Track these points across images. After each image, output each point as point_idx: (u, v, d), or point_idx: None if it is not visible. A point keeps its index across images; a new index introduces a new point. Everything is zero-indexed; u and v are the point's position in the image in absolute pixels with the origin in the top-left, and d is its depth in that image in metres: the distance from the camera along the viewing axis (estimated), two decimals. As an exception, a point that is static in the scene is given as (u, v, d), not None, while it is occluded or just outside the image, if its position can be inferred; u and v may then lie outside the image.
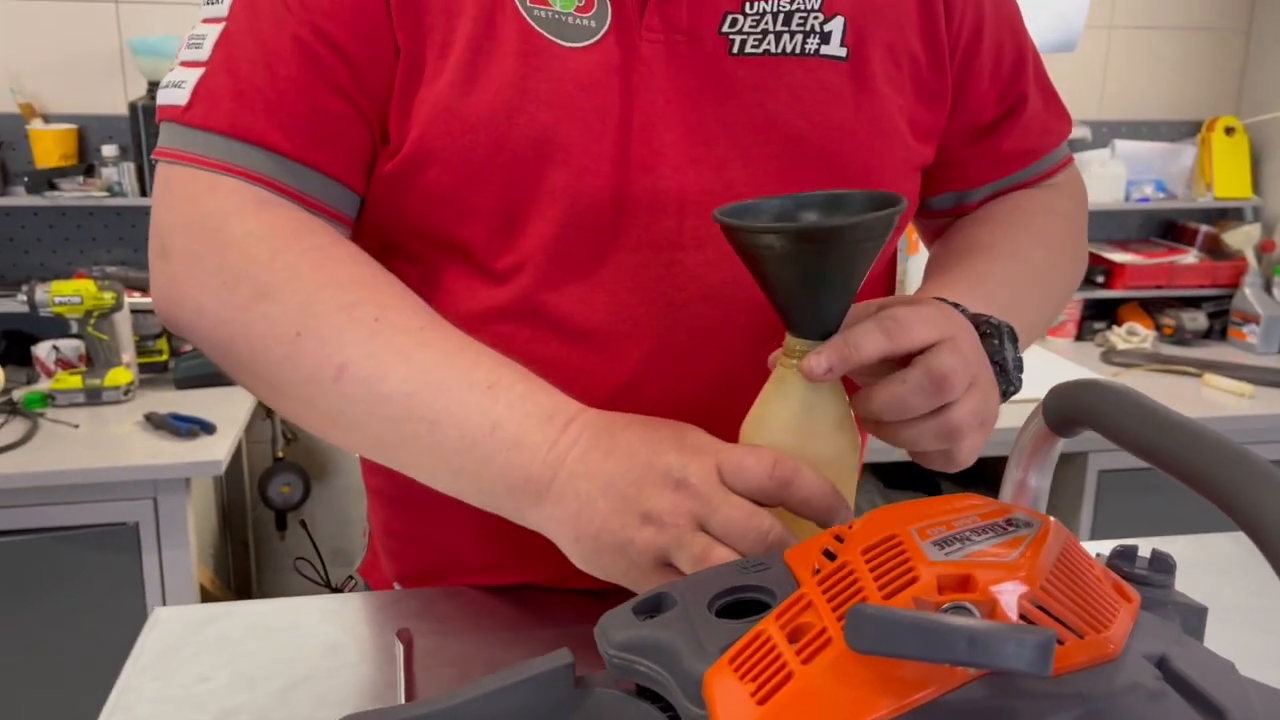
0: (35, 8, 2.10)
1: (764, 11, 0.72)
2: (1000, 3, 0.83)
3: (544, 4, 0.69)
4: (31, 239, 2.18)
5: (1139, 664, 0.44)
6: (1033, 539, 0.47)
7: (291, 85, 0.67)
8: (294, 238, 0.67)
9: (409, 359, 0.63)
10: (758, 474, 0.57)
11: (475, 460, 0.62)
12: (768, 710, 0.41)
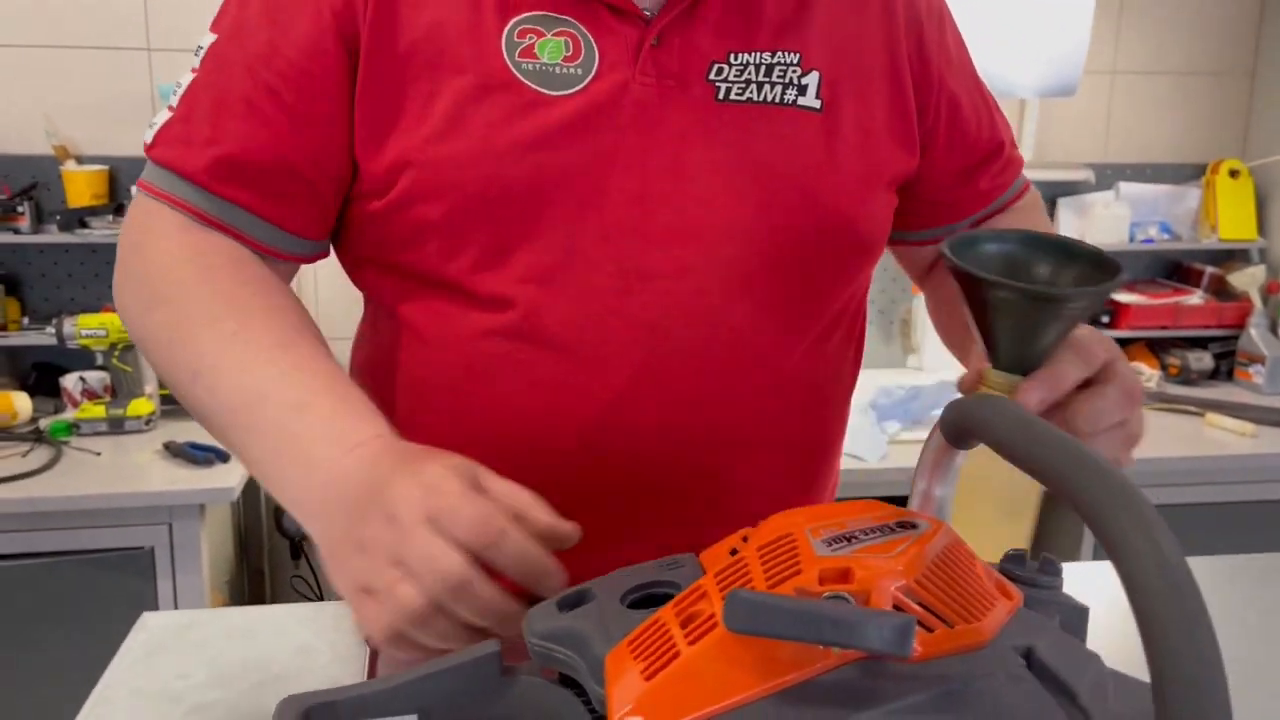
0: (71, 55, 2.20)
1: (748, 63, 0.78)
2: (962, 63, 0.90)
3: (532, 57, 0.75)
4: (63, 274, 2.27)
5: (1006, 653, 0.48)
6: (915, 539, 0.51)
7: (232, 136, 0.74)
8: (197, 258, 0.74)
9: (246, 372, 0.70)
10: (463, 527, 0.58)
11: (276, 470, 0.68)
12: (653, 685, 0.45)
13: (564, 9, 0.76)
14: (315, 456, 0.66)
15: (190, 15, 2.22)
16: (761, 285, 0.78)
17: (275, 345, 0.71)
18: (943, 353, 2.46)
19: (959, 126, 0.88)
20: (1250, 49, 2.60)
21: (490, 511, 0.59)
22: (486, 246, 0.76)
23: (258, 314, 0.73)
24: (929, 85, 0.86)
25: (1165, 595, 0.39)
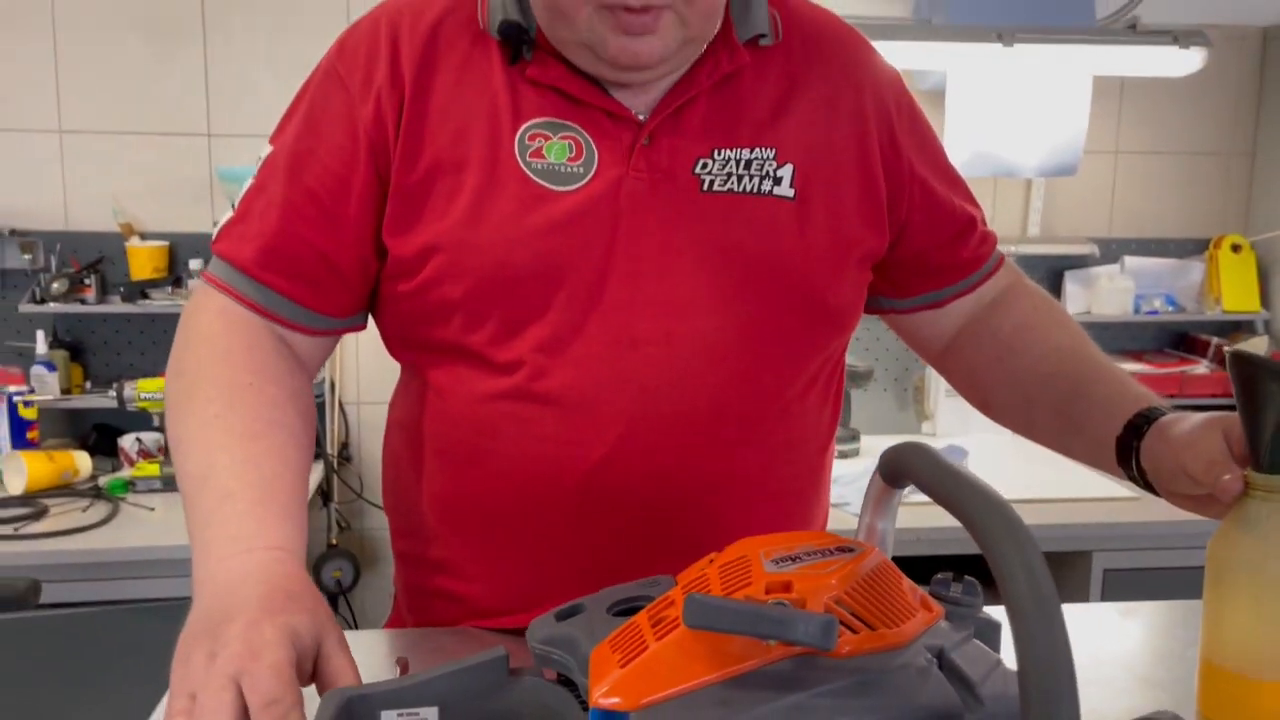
0: (138, 140, 2.39)
1: (729, 158, 0.90)
2: (931, 151, 1.01)
3: (540, 158, 0.88)
4: (123, 342, 2.43)
5: (919, 652, 0.58)
6: (849, 560, 0.61)
7: (274, 231, 0.88)
8: (221, 342, 0.87)
9: (207, 452, 0.80)
10: (256, 696, 0.62)
11: (196, 546, 0.77)
12: (626, 672, 0.56)
13: (568, 115, 0.89)
14: (213, 546, 0.75)
15: (246, 104, 2.41)
16: (740, 352, 0.89)
17: (243, 435, 0.81)
18: (954, 419, 2.54)
19: (934, 207, 1.00)
20: (1250, 131, 2.71)
21: (285, 697, 0.62)
22: (502, 320, 0.88)
23: (246, 404, 0.84)
24: (901, 174, 0.97)
25: (1036, 611, 0.49)
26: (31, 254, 2.34)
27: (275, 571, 0.73)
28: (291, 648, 0.66)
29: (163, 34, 2.37)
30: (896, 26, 2.34)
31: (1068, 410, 0.95)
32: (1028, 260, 2.64)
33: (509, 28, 0.88)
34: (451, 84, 0.89)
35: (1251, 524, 0.78)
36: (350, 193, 0.89)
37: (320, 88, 0.92)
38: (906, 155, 0.98)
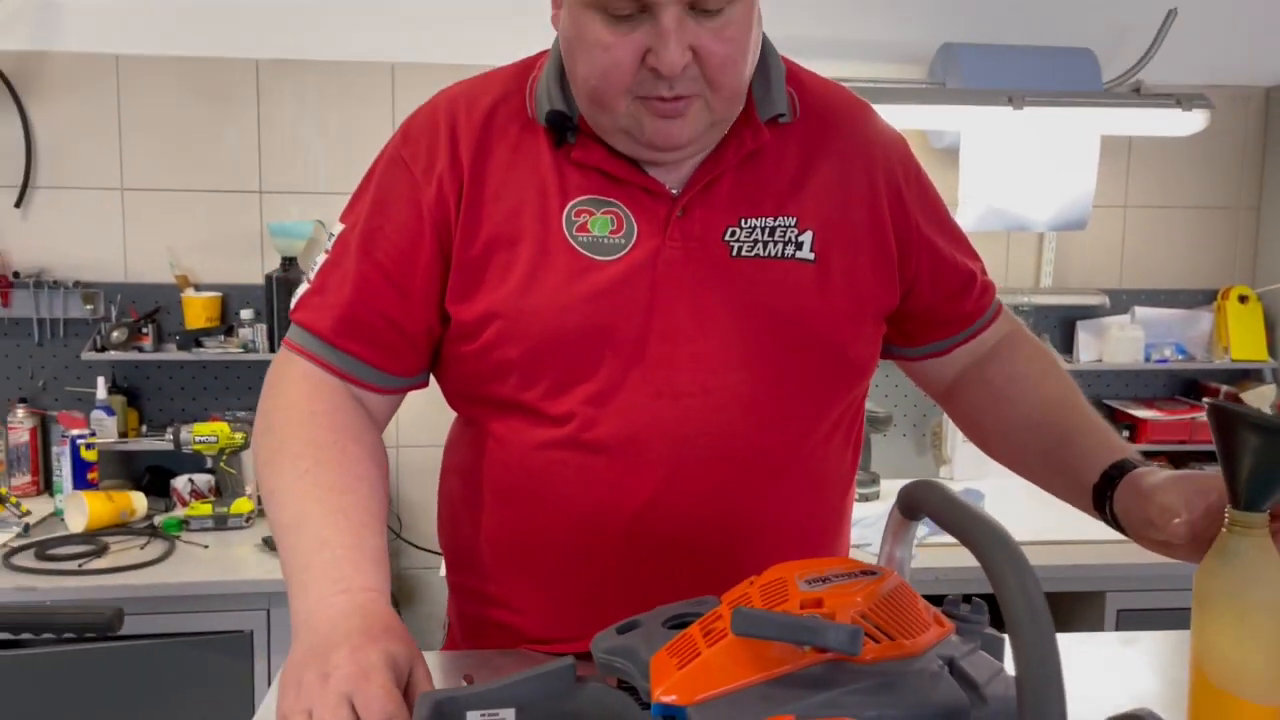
0: (195, 197, 2.54)
1: (755, 226, 1.01)
2: (936, 213, 1.12)
3: (585, 232, 0.99)
4: (177, 388, 2.56)
5: (932, 660, 0.68)
6: (872, 582, 0.71)
7: (349, 302, 1.00)
8: (306, 404, 0.98)
9: (300, 502, 0.91)
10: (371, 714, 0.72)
11: (291, 587, 0.87)
12: (682, 674, 0.66)
13: (609, 192, 1.00)
14: (312, 587, 0.84)
15: (296, 163, 2.55)
16: (770, 402, 0.99)
17: (332, 488, 0.92)
18: (972, 463, 2.63)
19: (939, 264, 1.10)
20: (1255, 186, 2.81)
21: (397, 714, 0.72)
22: (554, 378, 0.99)
23: (333, 460, 0.94)
24: (909, 234, 1.07)
25: (1030, 621, 0.59)
26: (93, 304, 2.48)
27: (371, 609, 0.83)
28: (393, 671, 0.76)
29: (219, 98, 2.52)
30: (913, 90, 2.47)
31: (1053, 456, 1.06)
32: (1041, 311, 2.74)
33: (555, 116, 0.99)
34: (505, 167, 1.00)
35: (1231, 556, 0.88)
36: (416, 267, 1.00)
37: (387, 172, 1.04)
38: (914, 217, 1.08)
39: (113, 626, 1.35)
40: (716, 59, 0.91)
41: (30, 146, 2.48)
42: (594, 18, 0.90)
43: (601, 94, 0.93)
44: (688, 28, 0.89)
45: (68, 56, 2.48)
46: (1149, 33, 2.62)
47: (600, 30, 0.90)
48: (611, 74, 0.91)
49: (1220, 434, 0.88)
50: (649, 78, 0.91)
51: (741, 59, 0.93)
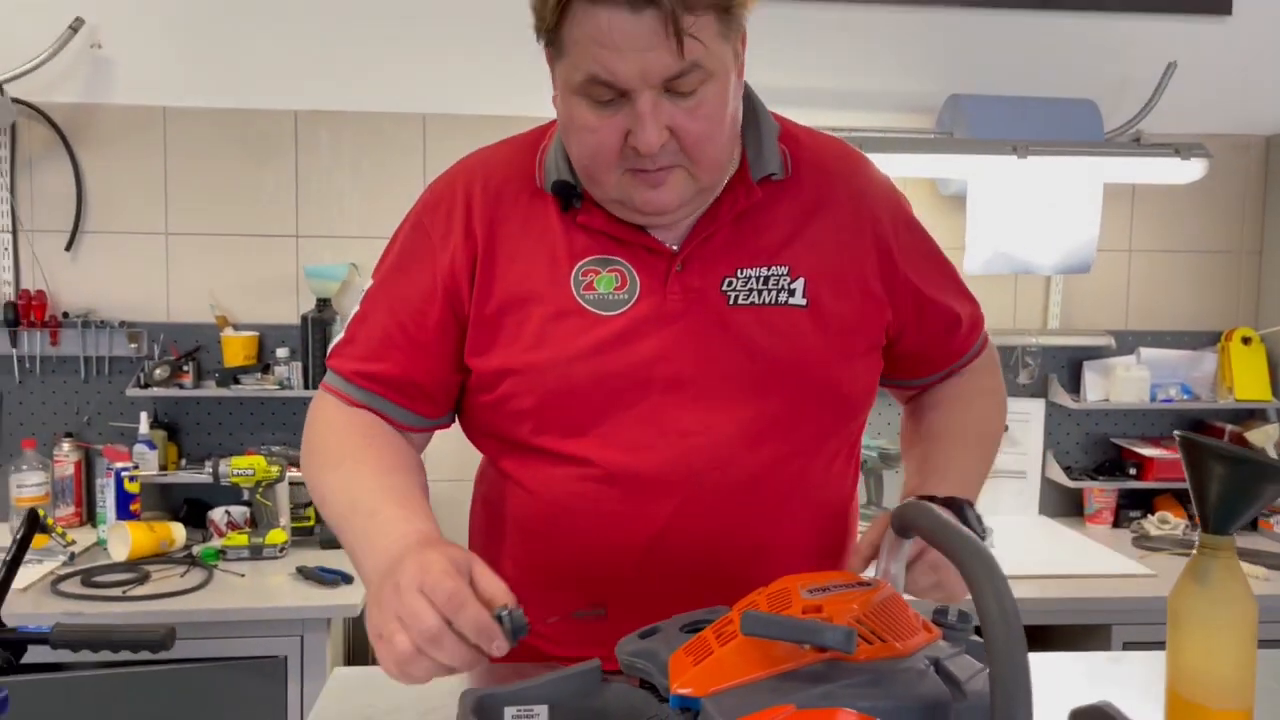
0: (234, 241, 2.66)
1: (750, 276, 1.10)
2: (924, 258, 1.20)
3: (591, 290, 1.09)
4: (214, 423, 2.67)
5: (920, 660, 0.76)
6: (867, 591, 0.80)
7: (375, 356, 1.12)
8: (342, 429, 1.11)
9: (347, 493, 1.04)
10: (439, 596, 0.83)
11: (356, 555, 0.99)
12: (697, 669, 0.75)
13: (613, 252, 1.09)
14: (376, 545, 0.96)
15: (331, 209, 2.67)
16: (771, 437, 1.08)
17: (371, 475, 1.05)
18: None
19: (926, 308, 1.19)
20: (1257, 231, 2.90)
21: (460, 590, 0.83)
22: (567, 424, 1.08)
23: (369, 460, 1.07)
24: (895, 281, 1.15)
25: (1001, 622, 0.67)
26: (137, 343, 2.59)
27: (426, 535, 0.95)
28: (453, 564, 0.85)
29: (259, 148, 2.65)
30: (921, 140, 2.57)
31: (911, 469, 1.21)
32: (1048, 351, 2.82)
33: (561, 186, 1.09)
34: (517, 233, 1.11)
35: (1201, 576, 0.97)
36: (430, 325, 1.11)
37: (409, 236, 1.15)
38: (899, 263, 1.16)
39: (166, 644, 1.43)
40: (692, 136, 1.00)
41: (81, 193, 2.61)
42: (581, 103, 1.00)
43: (593, 170, 1.04)
44: (663, 109, 0.98)
45: (117, 109, 2.62)
46: (1151, 84, 2.73)
47: (587, 115, 1.00)
48: (599, 153, 1.01)
49: (1190, 464, 0.97)
50: (633, 154, 1.00)
51: (717, 133, 1.02)
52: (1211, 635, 0.97)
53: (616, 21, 0.93)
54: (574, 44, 0.97)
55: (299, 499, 2.51)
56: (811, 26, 2.73)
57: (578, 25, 0.96)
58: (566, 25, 0.97)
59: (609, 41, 0.94)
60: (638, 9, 0.93)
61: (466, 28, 2.65)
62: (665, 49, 0.94)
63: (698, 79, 0.97)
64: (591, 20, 0.95)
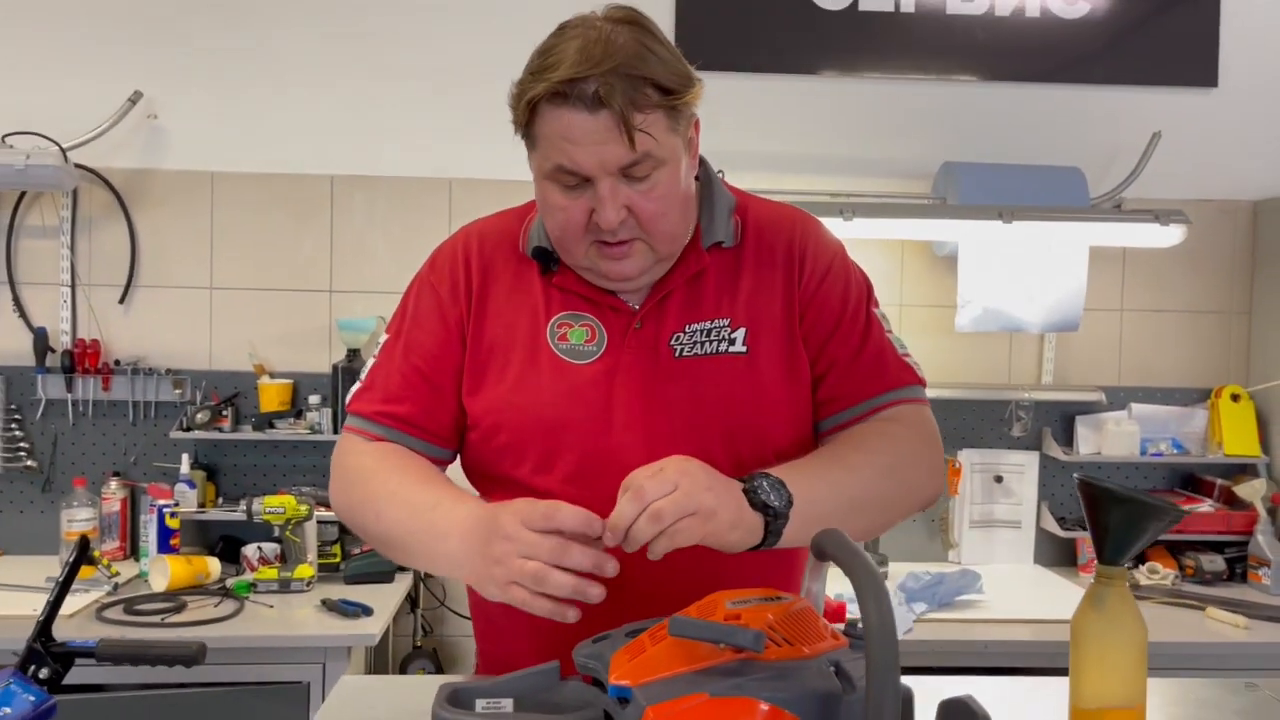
0: (273, 295, 2.86)
1: (696, 330, 1.26)
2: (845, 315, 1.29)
3: (565, 341, 1.25)
4: (249, 465, 2.85)
5: (823, 662, 0.90)
6: (783, 604, 0.94)
7: (395, 399, 1.27)
8: (378, 459, 1.25)
9: (399, 503, 1.18)
10: (535, 518, 1.01)
11: (426, 548, 1.15)
12: (632, 664, 0.89)
13: (584, 309, 1.26)
14: (452, 525, 1.11)
15: (364, 266, 2.87)
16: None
17: (416, 483, 1.20)
18: (978, 549, 2.81)
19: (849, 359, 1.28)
20: (1246, 292, 3.01)
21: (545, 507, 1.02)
22: (537, 459, 1.24)
23: (411, 472, 1.22)
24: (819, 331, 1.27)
25: (878, 625, 0.81)
26: (181, 389, 2.79)
27: (491, 507, 1.09)
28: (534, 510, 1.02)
29: (298, 209, 2.87)
30: (914, 205, 2.73)
31: None
32: (1041, 406, 2.93)
33: (540, 251, 1.28)
34: (506, 291, 1.29)
35: (1097, 601, 1.10)
36: (446, 369, 1.28)
37: (420, 295, 1.33)
38: (817, 315, 1.28)
39: (197, 659, 1.59)
40: (647, 214, 1.17)
41: (134, 250, 2.83)
42: (552, 187, 1.18)
43: (564, 243, 1.22)
44: (621, 192, 1.15)
45: (170, 174, 2.85)
46: (1139, 153, 2.87)
47: (558, 196, 1.18)
48: (568, 229, 1.19)
49: (1087, 503, 1.11)
50: (597, 229, 1.18)
51: (670, 210, 1.19)
52: (1106, 654, 1.10)
53: (576, 120, 1.11)
54: (543, 138, 1.15)
55: (326, 536, 2.68)
56: (815, 98, 2.91)
57: (545, 123, 1.13)
58: (536, 123, 1.14)
59: (571, 137, 1.12)
60: (594, 110, 1.10)
61: (487, 101, 2.84)
62: (619, 143, 1.11)
63: (650, 166, 1.14)
64: (556, 119, 1.12)
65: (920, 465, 1.29)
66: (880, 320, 1.34)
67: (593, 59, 1.11)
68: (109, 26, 2.82)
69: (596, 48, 1.12)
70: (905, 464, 1.27)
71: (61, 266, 2.82)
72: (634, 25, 1.17)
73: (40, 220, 2.82)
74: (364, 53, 2.87)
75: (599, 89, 1.10)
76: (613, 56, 1.11)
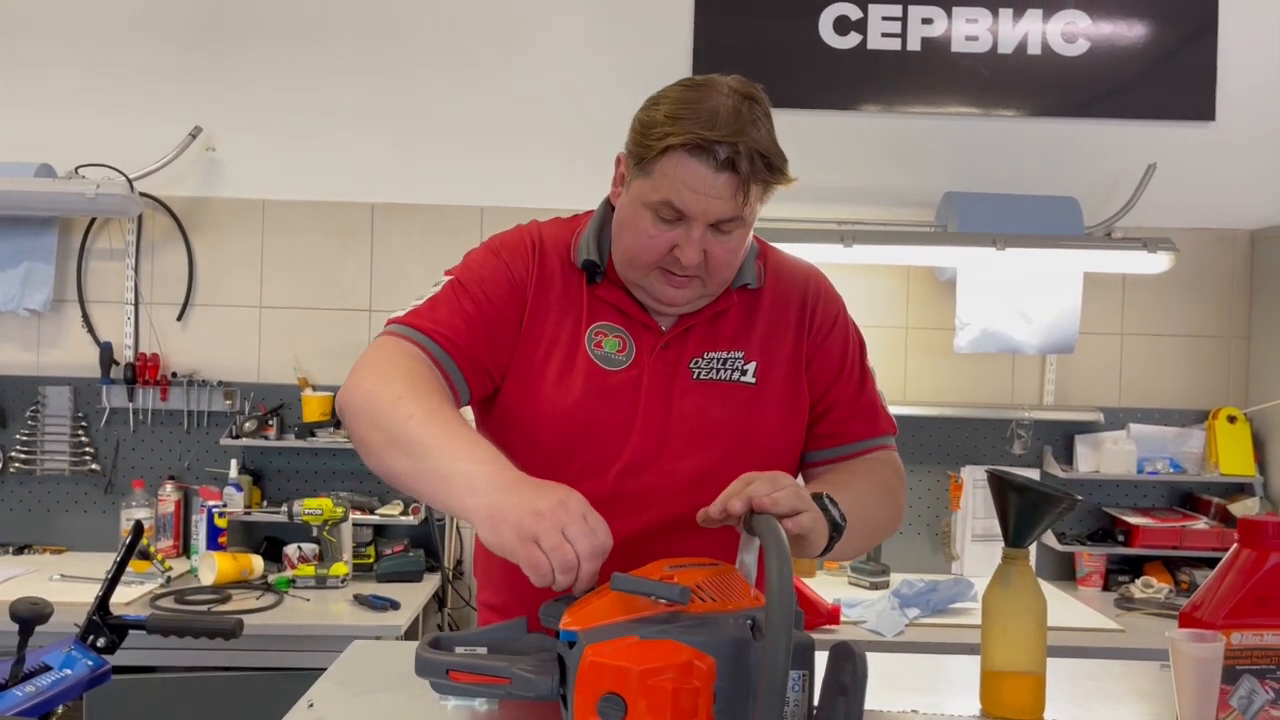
0: (317, 314, 3.09)
1: (713, 358, 1.42)
2: (843, 363, 1.47)
3: (600, 348, 1.40)
4: (292, 470, 3.07)
5: (741, 617, 1.07)
6: (713, 570, 1.11)
7: (455, 328, 1.34)
8: (415, 367, 1.29)
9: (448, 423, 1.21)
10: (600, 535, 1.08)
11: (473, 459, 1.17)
12: (580, 613, 1.06)
13: (620, 323, 1.41)
14: (485, 457, 1.16)
15: (401, 286, 3.08)
16: (711, 484, 1.28)
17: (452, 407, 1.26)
18: (979, 560, 2.93)
19: (840, 402, 1.46)
20: (1244, 317, 3.11)
21: (609, 539, 1.09)
22: (556, 450, 1.37)
23: (436, 401, 1.24)
24: (821, 377, 1.45)
25: (777, 582, 0.98)
26: (232, 400, 3.03)
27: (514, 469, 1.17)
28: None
29: (341, 234, 3.10)
30: (913, 233, 2.88)
31: None
32: (1041, 425, 3.05)
33: (588, 264, 1.42)
34: (557, 292, 1.42)
35: (1003, 579, 1.25)
36: (506, 319, 1.37)
37: (488, 258, 1.42)
38: (819, 363, 1.46)
39: (235, 633, 1.79)
40: (718, 260, 1.34)
41: (192, 272, 3.08)
42: (647, 215, 1.32)
43: (635, 262, 1.36)
44: (705, 238, 1.32)
45: (225, 201, 3.10)
46: (1136, 183, 3.00)
47: (649, 224, 1.32)
48: (647, 253, 1.34)
49: (995, 492, 1.27)
50: (671, 260, 1.33)
51: (735, 262, 1.37)
52: (1009, 624, 1.25)
53: (703, 173, 1.26)
54: (661, 175, 1.28)
55: (361, 538, 2.88)
56: (826, 131, 3.09)
57: (673, 165, 1.27)
58: (663, 161, 1.27)
59: (692, 185, 1.26)
60: (720, 170, 1.26)
61: (515, 139, 3.08)
62: (728, 202, 1.27)
63: (736, 225, 1.32)
64: (685, 166, 1.26)
65: (899, 501, 1.49)
66: (872, 372, 1.53)
67: (733, 125, 1.25)
68: (172, 66, 3.09)
69: (737, 117, 1.26)
70: (891, 499, 1.47)
71: (126, 286, 3.07)
72: (759, 104, 1.30)
73: (108, 244, 3.08)
74: (404, 94, 3.10)
75: (732, 154, 1.25)
76: (746, 129, 1.26)
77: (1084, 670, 1.47)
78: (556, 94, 3.10)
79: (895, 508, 1.48)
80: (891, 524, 1.49)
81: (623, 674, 0.98)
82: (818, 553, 1.26)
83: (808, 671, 1.05)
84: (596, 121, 3.01)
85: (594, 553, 1.09)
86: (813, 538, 1.21)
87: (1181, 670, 1.09)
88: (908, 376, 3.08)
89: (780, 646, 0.95)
